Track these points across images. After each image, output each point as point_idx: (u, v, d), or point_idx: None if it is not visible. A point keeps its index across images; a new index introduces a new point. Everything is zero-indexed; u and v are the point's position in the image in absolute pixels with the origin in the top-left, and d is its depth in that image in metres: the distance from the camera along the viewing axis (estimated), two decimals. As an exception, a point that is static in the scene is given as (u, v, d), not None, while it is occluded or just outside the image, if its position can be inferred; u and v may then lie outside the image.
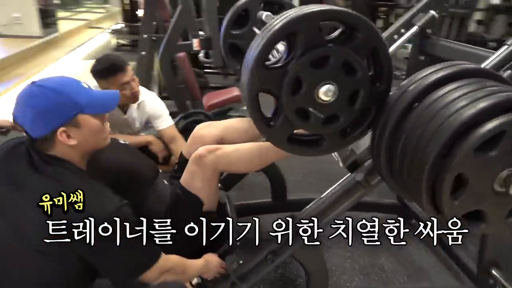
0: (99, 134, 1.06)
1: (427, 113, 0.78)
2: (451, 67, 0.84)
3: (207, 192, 1.37)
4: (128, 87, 1.80)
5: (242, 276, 1.25)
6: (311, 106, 0.86)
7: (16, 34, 5.98)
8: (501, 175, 0.74)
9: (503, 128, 0.69)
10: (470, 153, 0.70)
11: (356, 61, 0.83)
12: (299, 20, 0.80)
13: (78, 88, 1.02)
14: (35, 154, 0.98)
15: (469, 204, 0.77)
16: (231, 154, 1.36)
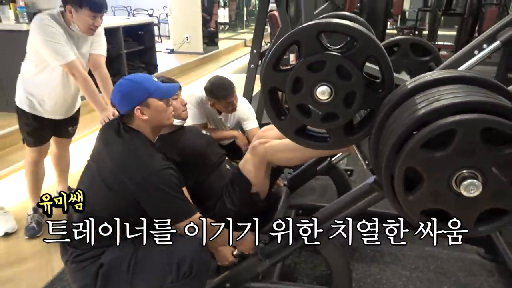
0: (163, 113, 1.45)
1: (399, 113, 0.86)
2: (444, 72, 0.89)
3: (255, 176, 1.64)
4: (230, 105, 2.22)
5: (268, 254, 1.46)
6: (311, 103, 1.02)
7: (185, 51, 7.36)
8: (458, 175, 0.77)
9: (451, 127, 0.73)
10: (417, 148, 0.77)
11: (349, 66, 0.96)
12: (300, 31, 0.98)
13: (150, 80, 1.44)
14: (121, 125, 1.43)
15: (425, 201, 0.81)
16: (276, 146, 1.60)
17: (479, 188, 0.74)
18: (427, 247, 2.05)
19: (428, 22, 8.97)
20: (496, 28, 1.52)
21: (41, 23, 1.88)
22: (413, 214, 0.83)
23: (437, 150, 0.76)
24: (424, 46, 1.65)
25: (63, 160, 2.48)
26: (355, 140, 1.08)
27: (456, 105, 0.75)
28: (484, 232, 0.80)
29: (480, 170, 0.75)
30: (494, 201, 0.77)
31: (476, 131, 0.72)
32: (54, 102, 2.10)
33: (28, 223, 2.28)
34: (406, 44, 1.66)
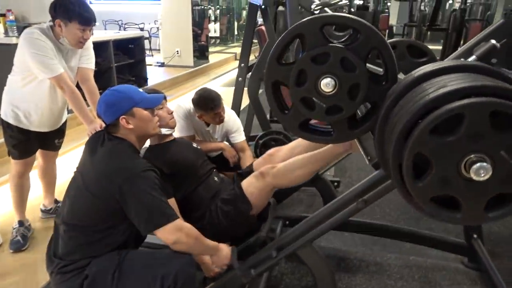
0: (149, 123, 1.48)
1: (405, 102, 0.86)
2: (444, 63, 0.89)
3: (257, 198, 1.67)
4: (218, 116, 2.23)
5: (253, 264, 1.48)
6: (315, 96, 1.01)
7: (175, 64, 7.38)
8: (466, 159, 0.76)
9: (459, 111, 0.73)
10: (425, 134, 0.76)
11: (353, 58, 0.96)
12: (304, 24, 0.99)
13: (135, 90, 1.47)
14: (106, 135, 1.44)
15: (434, 188, 0.80)
16: (283, 169, 1.63)
17: (489, 172, 0.74)
18: (411, 257, 2.10)
19: (414, 37, 9.22)
20: (473, 43, 1.56)
21: (30, 36, 1.88)
22: (423, 202, 0.82)
23: (445, 135, 0.76)
24: (420, 48, 1.67)
25: (49, 173, 2.44)
26: (358, 134, 1.08)
27: (463, 89, 0.75)
28: (494, 218, 0.79)
29: (489, 154, 0.75)
30: (504, 185, 0.77)
31: (485, 114, 0.72)
32: (40, 114, 2.08)
33: (13, 237, 2.23)
34: (403, 46, 1.68)
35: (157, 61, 7.54)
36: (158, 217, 1.31)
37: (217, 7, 11.45)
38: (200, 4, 9.54)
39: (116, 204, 1.32)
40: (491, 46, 1.44)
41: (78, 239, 1.38)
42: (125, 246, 1.41)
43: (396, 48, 1.67)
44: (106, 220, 1.36)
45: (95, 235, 1.37)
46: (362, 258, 2.10)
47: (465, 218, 0.80)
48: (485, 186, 0.77)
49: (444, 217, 0.83)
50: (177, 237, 1.32)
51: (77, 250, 1.38)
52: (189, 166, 1.78)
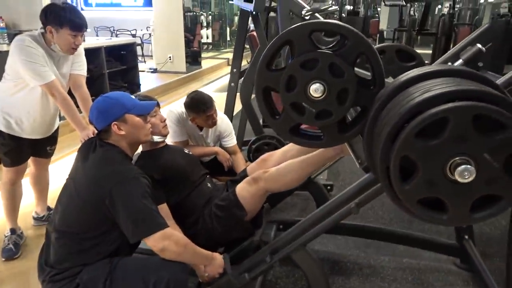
0: (141, 130, 1.48)
1: (392, 106, 0.88)
2: (430, 67, 0.92)
3: (250, 203, 1.67)
4: (210, 118, 2.24)
5: (247, 268, 1.50)
6: (305, 101, 1.03)
7: (168, 70, 7.38)
8: (451, 162, 0.78)
9: (443, 115, 0.76)
10: (411, 137, 0.78)
11: (341, 63, 0.98)
12: (293, 31, 1.01)
13: (127, 97, 1.48)
14: (98, 141, 1.44)
15: (421, 190, 0.82)
16: (275, 173, 1.64)
17: (473, 174, 0.76)
18: (405, 259, 2.11)
19: (404, 42, 9.34)
20: (460, 47, 1.60)
21: (21, 44, 1.88)
22: (410, 204, 0.84)
23: (431, 138, 0.78)
24: (409, 52, 1.70)
25: (42, 180, 2.43)
26: (348, 137, 1.09)
27: (447, 94, 0.77)
28: (480, 219, 0.81)
29: (473, 157, 0.77)
30: (488, 187, 0.79)
31: (468, 118, 0.74)
32: (32, 121, 2.07)
33: (5, 245, 2.20)
34: (392, 50, 1.71)
35: (149, 67, 7.54)
36: (147, 225, 1.31)
37: (209, 13, 11.50)
38: (192, 10, 9.58)
39: (107, 210, 1.31)
40: (477, 50, 1.49)
41: (69, 246, 1.37)
42: (117, 253, 1.41)
43: (385, 53, 1.70)
44: (97, 228, 1.36)
45: (86, 243, 1.36)
46: (355, 261, 2.11)
47: (451, 219, 0.82)
48: (470, 187, 0.79)
49: (431, 219, 0.84)
50: (165, 245, 1.31)
51: (68, 258, 1.37)
52: (180, 172, 1.78)
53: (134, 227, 1.30)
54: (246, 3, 2.60)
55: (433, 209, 0.84)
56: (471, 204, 0.81)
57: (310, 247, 2.19)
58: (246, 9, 2.65)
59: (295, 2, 2.30)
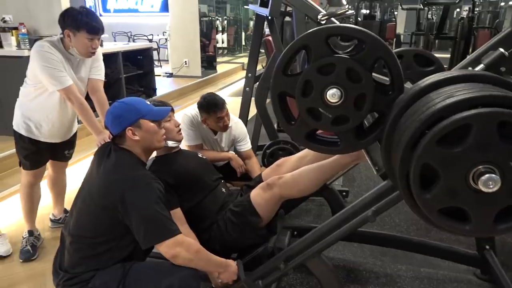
0: (155, 135, 1.48)
1: (412, 112, 0.85)
2: (451, 72, 0.89)
3: (264, 210, 1.66)
4: (222, 120, 2.25)
5: (261, 275, 1.48)
6: (321, 106, 1.01)
7: (184, 74, 7.46)
8: (475, 171, 0.75)
9: (467, 122, 0.73)
10: (433, 144, 0.76)
11: (358, 68, 0.96)
12: (309, 36, 0.99)
13: (142, 103, 1.49)
14: (112, 146, 1.45)
15: (442, 199, 0.79)
16: (289, 180, 1.62)
17: (498, 183, 0.73)
18: (422, 268, 2.06)
19: (422, 46, 9.22)
20: (481, 51, 1.54)
21: (40, 49, 1.92)
22: (430, 213, 0.81)
23: (453, 145, 0.75)
24: (427, 57, 1.67)
25: (59, 183, 2.47)
26: (365, 144, 1.07)
27: (471, 99, 0.74)
28: (504, 230, 0.78)
29: (498, 165, 0.74)
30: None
31: (492, 125, 0.72)
32: (51, 125, 2.11)
33: (23, 246, 2.24)
34: (410, 55, 1.68)
35: (165, 71, 7.63)
36: (158, 231, 1.30)
37: (225, 18, 11.58)
38: (208, 15, 9.67)
39: (119, 216, 1.32)
40: (500, 54, 1.43)
41: (83, 251, 1.38)
42: (131, 258, 1.41)
43: (403, 57, 1.67)
44: (110, 232, 1.36)
45: (99, 248, 1.37)
46: (371, 269, 2.06)
47: (474, 230, 0.79)
48: (494, 197, 0.75)
49: (453, 229, 0.81)
50: (176, 252, 1.31)
51: (82, 262, 1.37)
52: (194, 177, 1.78)
53: (145, 233, 1.30)
54: (261, 8, 2.60)
55: (454, 219, 0.81)
56: (495, 215, 0.78)
57: (325, 254, 2.17)
58: (262, 14, 2.65)
59: (311, 7, 2.28)
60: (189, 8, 7.15)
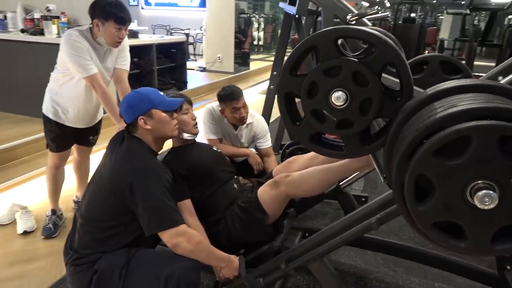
0: (166, 125, 1.52)
1: (414, 120, 0.82)
2: (465, 81, 0.85)
3: (271, 207, 1.65)
4: (238, 112, 2.26)
5: (262, 273, 1.48)
6: (326, 109, 0.99)
7: (216, 70, 7.55)
8: (472, 186, 0.72)
9: (465, 133, 0.69)
10: (429, 155, 0.72)
11: (365, 72, 0.93)
12: (318, 37, 0.98)
13: (155, 93, 1.53)
14: (125, 134, 1.50)
15: (437, 212, 0.75)
16: (296, 179, 1.61)
17: (494, 200, 0.69)
18: (437, 283, 1.99)
19: (466, 52, 8.82)
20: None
21: (69, 38, 2.01)
22: (424, 227, 0.78)
23: (450, 158, 0.71)
24: (455, 64, 1.59)
25: (83, 167, 2.58)
26: (371, 150, 1.04)
27: (472, 111, 0.71)
28: (502, 251, 0.73)
29: (497, 182, 0.70)
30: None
31: (493, 138, 0.68)
32: (76, 111, 2.21)
33: (45, 224, 2.37)
34: (436, 61, 1.61)
35: (199, 66, 7.75)
36: (161, 220, 1.34)
37: (262, 15, 11.58)
38: (246, 12, 9.70)
39: (127, 202, 1.36)
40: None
41: (92, 233, 1.44)
42: (138, 243, 1.45)
43: (429, 63, 1.61)
44: (118, 217, 1.41)
45: (107, 231, 1.42)
46: (382, 279, 2.01)
47: (470, 248, 0.75)
48: (492, 215, 0.71)
49: (448, 245, 0.78)
50: (177, 241, 1.34)
51: (90, 244, 1.43)
52: (206, 169, 1.79)
53: (149, 221, 1.34)
54: (290, 6, 2.59)
55: (450, 234, 0.77)
56: (493, 234, 0.74)
57: (335, 259, 2.13)
58: (290, 12, 2.64)
59: (340, 7, 2.23)
60: (226, 5, 7.22)
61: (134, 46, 4.49)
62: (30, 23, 4.17)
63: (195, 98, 5.60)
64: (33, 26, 4.15)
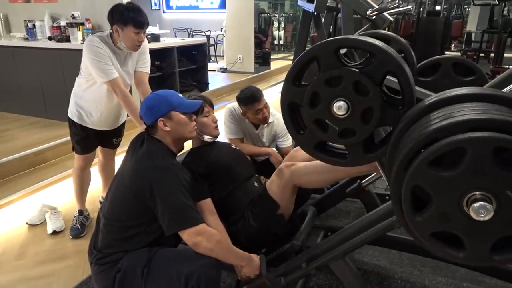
0: (185, 127, 1.55)
1: (413, 130, 0.83)
2: (465, 89, 0.85)
3: (280, 198, 1.66)
4: (261, 113, 2.27)
5: (283, 272, 1.48)
6: (328, 118, 1.01)
7: (237, 70, 7.62)
8: (468, 197, 0.72)
9: (460, 145, 0.69)
10: (424, 166, 0.73)
11: (366, 82, 0.95)
12: (318, 48, 0.99)
13: (175, 95, 1.56)
14: (145, 136, 1.54)
15: (434, 223, 0.76)
16: (301, 169, 1.61)
17: (490, 212, 0.69)
18: (465, 283, 1.92)
19: (494, 45, 8.48)
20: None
21: (90, 44, 2.08)
22: (422, 237, 0.78)
23: (446, 169, 0.72)
24: (468, 66, 1.57)
25: (108, 168, 2.66)
26: (374, 158, 1.05)
27: (467, 122, 0.71)
28: (501, 261, 0.73)
29: (493, 193, 0.70)
30: (510, 228, 0.71)
31: (488, 150, 0.68)
32: (99, 114, 2.29)
33: (73, 224, 2.46)
34: (448, 63, 1.59)
35: (220, 67, 7.83)
36: (181, 219, 1.37)
37: (282, 14, 11.54)
38: (266, 12, 9.71)
39: (147, 202, 1.39)
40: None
41: (114, 233, 1.49)
42: (159, 243, 1.48)
43: (441, 66, 1.59)
44: (139, 217, 1.44)
45: (129, 231, 1.46)
46: (408, 279, 1.96)
47: (469, 258, 0.75)
48: (489, 226, 0.71)
49: (446, 255, 0.78)
50: (197, 240, 1.37)
51: (113, 244, 1.48)
52: (226, 168, 1.80)
53: (169, 220, 1.37)
54: (309, 3, 2.56)
55: (449, 244, 0.78)
56: (492, 244, 0.74)
57: (359, 258, 2.11)
58: (308, 10, 2.61)
59: (359, 1, 2.18)
60: (246, 5, 7.26)
61: (156, 50, 4.66)
62: (56, 31, 4.35)
63: (216, 99, 5.67)
64: (60, 33, 4.32)
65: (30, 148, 3.42)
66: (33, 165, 3.33)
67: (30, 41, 4.48)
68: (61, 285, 2.00)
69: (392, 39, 1.56)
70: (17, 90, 4.61)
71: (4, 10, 5.12)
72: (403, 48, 1.53)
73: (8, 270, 2.12)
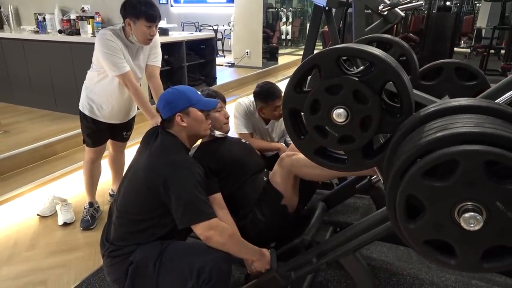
0: (201, 124, 1.58)
1: (409, 140, 0.86)
2: (460, 100, 0.87)
3: (283, 188, 1.68)
4: (278, 109, 2.29)
5: (293, 267, 1.50)
6: (328, 125, 1.04)
7: (245, 65, 7.63)
8: (460, 207, 0.75)
9: (452, 157, 0.72)
10: (418, 177, 0.76)
11: (365, 91, 0.97)
12: (320, 56, 1.02)
13: (193, 92, 1.58)
14: (160, 129, 1.57)
15: (427, 231, 0.79)
16: (302, 160, 1.62)
17: (480, 223, 0.72)
18: (474, 281, 1.92)
19: (506, 41, 8.36)
20: None
21: (103, 37, 2.10)
22: (415, 244, 0.82)
23: (440, 179, 0.75)
24: (470, 71, 1.59)
25: (118, 161, 2.71)
26: (373, 164, 1.08)
27: (460, 135, 0.73)
28: (490, 269, 0.77)
29: (484, 204, 0.73)
30: (499, 237, 0.74)
31: (479, 163, 0.70)
32: (111, 108, 2.32)
33: (83, 216, 2.53)
34: (451, 67, 1.61)
35: (227, 61, 7.84)
36: (194, 213, 1.39)
37: (290, 9, 11.47)
38: (274, 6, 9.67)
39: (161, 196, 1.42)
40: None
41: (127, 226, 1.51)
42: (171, 236, 1.51)
43: (443, 70, 1.61)
44: (152, 211, 1.47)
45: (142, 224, 1.49)
46: (416, 275, 1.97)
47: (460, 265, 0.78)
48: (479, 236, 0.74)
49: (438, 262, 0.81)
50: (210, 234, 1.39)
51: (126, 236, 1.51)
52: (235, 162, 1.82)
53: (182, 214, 1.39)
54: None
55: (442, 251, 0.81)
56: (481, 253, 0.77)
57: (368, 254, 2.14)
58: (319, 5, 2.59)
59: (371, -4, 2.16)
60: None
61: (164, 44, 4.68)
62: (66, 24, 4.40)
63: (223, 93, 5.70)
64: (70, 26, 4.38)
65: (40, 140, 3.49)
66: (44, 158, 3.41)
67: (40, 34, 4.55)
68: (72, 276, 2.06)
69: (395, 43, 1.57)
70: (28, 83, 4.69)
71: (14, 3, 5.18)
72: (405, 52, 1.54)
73: (20, 261, 2.19)
